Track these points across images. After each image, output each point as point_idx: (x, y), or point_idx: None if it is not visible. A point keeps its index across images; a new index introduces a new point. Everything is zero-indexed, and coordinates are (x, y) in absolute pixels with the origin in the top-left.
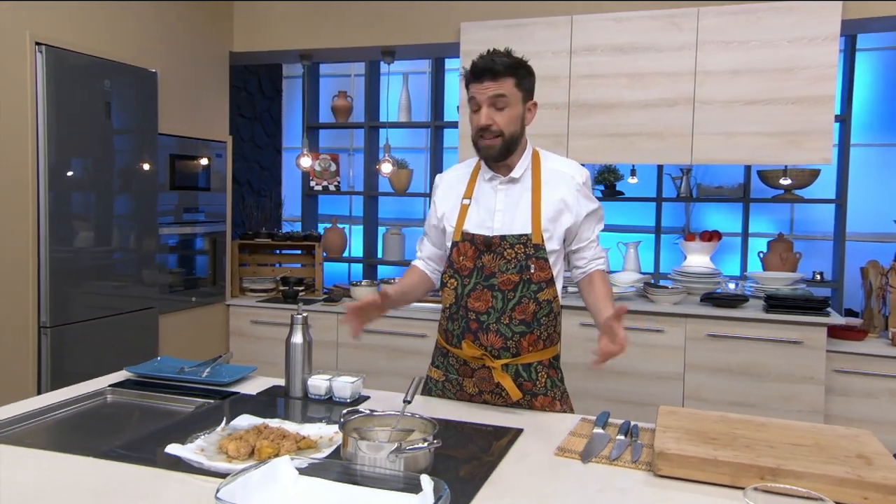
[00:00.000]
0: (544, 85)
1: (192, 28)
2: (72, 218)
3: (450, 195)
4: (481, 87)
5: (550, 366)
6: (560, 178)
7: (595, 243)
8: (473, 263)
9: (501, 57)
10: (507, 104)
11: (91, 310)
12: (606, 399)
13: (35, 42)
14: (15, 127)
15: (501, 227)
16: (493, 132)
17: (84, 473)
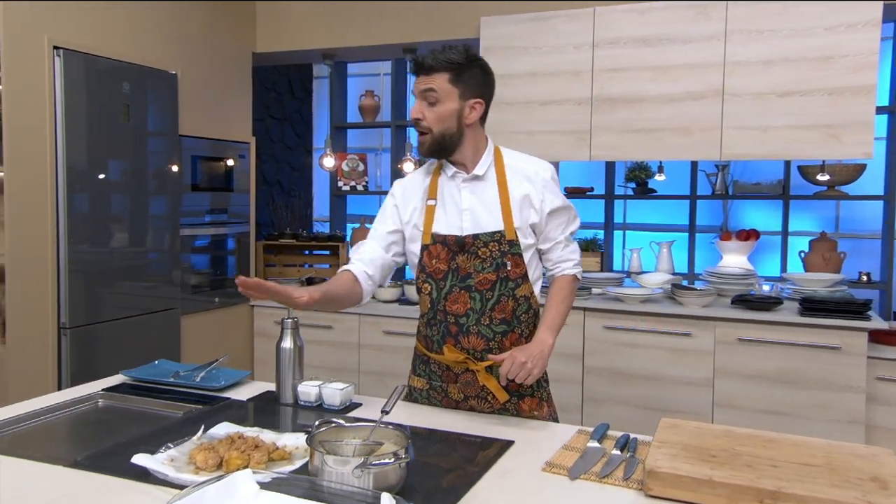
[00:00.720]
0: (566, 80)
1: (214, 29)
2: (91, 220)
3: (412, 198)
4: (417, 82)
5: None
6: (523, 175)
7: (562, 245)
8: (447, 265)
9: (445, 53)
10: (437, 99)
11: (111, 311)
12: (631, 405)
13: (53, 46)
14: (34, 130)
15: (472, 226)
16: (422, 127)
17: (48, 483)
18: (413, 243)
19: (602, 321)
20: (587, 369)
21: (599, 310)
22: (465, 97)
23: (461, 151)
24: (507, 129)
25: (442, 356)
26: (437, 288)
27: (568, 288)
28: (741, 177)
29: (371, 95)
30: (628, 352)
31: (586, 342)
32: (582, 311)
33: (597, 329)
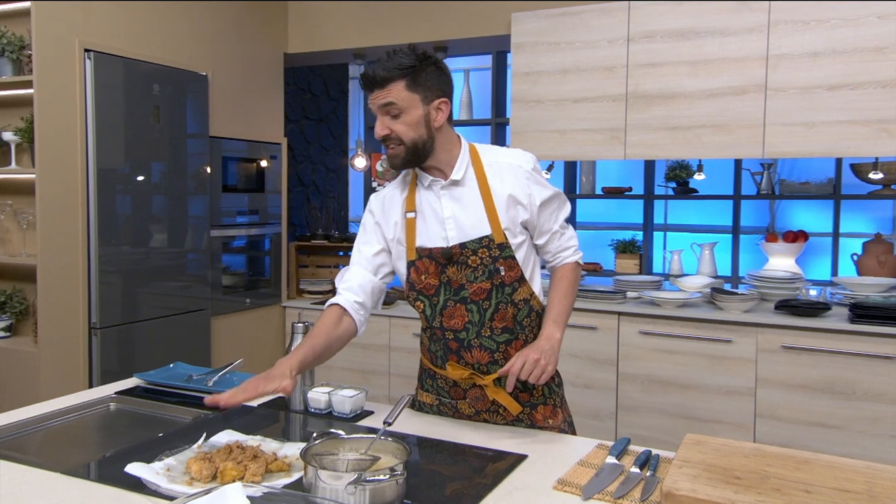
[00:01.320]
0: (599, 75)
1: (245, 31)
2: (121, 221)
3: (391, 212)
4: (371, 98)
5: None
6: (505, 170)
7: (559, 234)
8: (438, 279)
9: (393, 59)
10: (399, 111)
11: (141, 311)
12: (668, 414)
13: (84, 49)
14: (65, 133)
15: (457, 235)
16: (393, 140)
17: (40, 489)
18: (399, 261)
19: (637, 326)
20: (622, 376)
21: (635, 314)
22: (428, 100)
23: (435, 157)
24: (538, 127)
25: (446, 372)
26: (430, 304)
27: (570, 277)
28: (789, 175)
29: None
30: (665, 358)
31: (621, 348)
32: (616, 316)
33: (632, 334)
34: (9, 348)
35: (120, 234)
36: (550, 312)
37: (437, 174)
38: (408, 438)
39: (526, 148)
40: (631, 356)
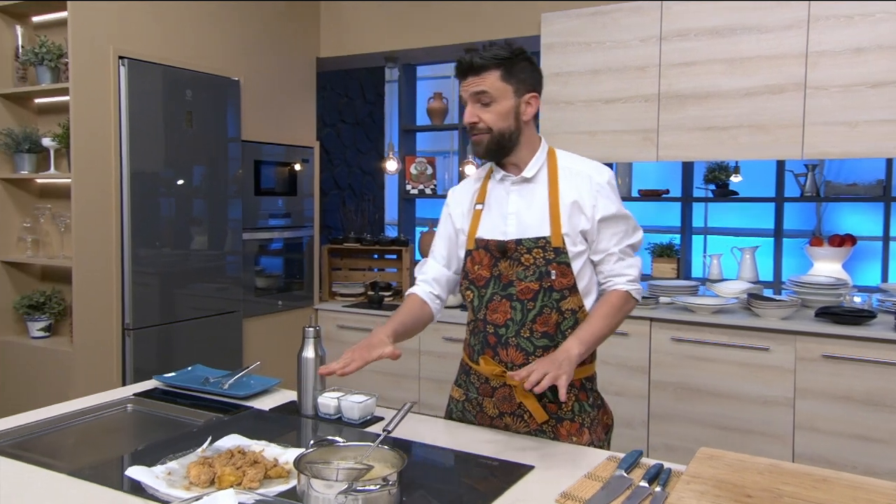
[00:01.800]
0: (631, 76)
1: (278, 36)
2: (154, 224)
3: (461, 203)
4: (465, 84)
5: (581, 388)
6: (577, 178)
7: (615, 257)
8: (490, 272)
9: (490, 50)
10: (491, 100)
11: (174, 313)
12: (701, 423)
13: (118, 56)
14: (99, 138)
15: (516, 231)
16: (479, 129)
17: (43, 490)
18: (461, 249)
19: (670, 332)
20: (653, 384)
21: (667, 320)
22: (520, 93)
23: (517, 152)
24: (569, 129)
25: (479, 367)
26: (478, 295)
27: (616, 303)
28: (836, 177)
29: (440, 98)
30: (698, 366)
31: (653, 354)
32: (648, 322)
33: (664, 341)
34: (47, 348)
35: (153, 237)
36: (579, 329)
37: (512, 170)
38: (412, 446)
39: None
40: (663, 363)
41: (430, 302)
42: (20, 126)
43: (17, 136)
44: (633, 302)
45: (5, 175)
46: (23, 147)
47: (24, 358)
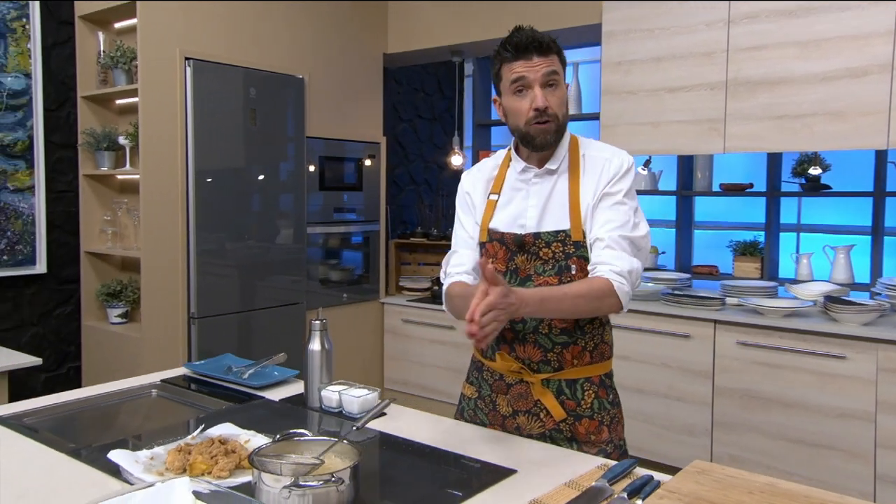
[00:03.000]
0: (696, 62)
1: (344, 33)
2: (219, 218)
3: (477, 191)
4: (530, 65)
5: (601, 384)
6: (597, 164)
7: (603, 243)
8: (506, 266)
9: (539, 33)
10: (557, 82)
11: (238, 303)
12: (769, 435)
13: (185, 57)
14: (166, 135)
15: (535, 224)
16: (548, 115)
17: (35, 466)
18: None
19: (735, 336)
20: (717, 390)
21: (732, 323)
22: (565, 80)
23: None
24: (630, 119)
25: (495, 364)
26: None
27: (594, 284)
28: None
29: None
30: (767, 373)
31: (717, 359)
32: (712, 324)
33: (729, 345)
34: (123, 333)
35: (218, 231)
36: (548, 290)
37: (534, 160)
38: (398, 443)
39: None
40: (728, 369)
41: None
42: (101, 126)
43: (98, 135)
44: (614, 299)
45: (88, 171)
46: (102, 145)
47: (104, 342)
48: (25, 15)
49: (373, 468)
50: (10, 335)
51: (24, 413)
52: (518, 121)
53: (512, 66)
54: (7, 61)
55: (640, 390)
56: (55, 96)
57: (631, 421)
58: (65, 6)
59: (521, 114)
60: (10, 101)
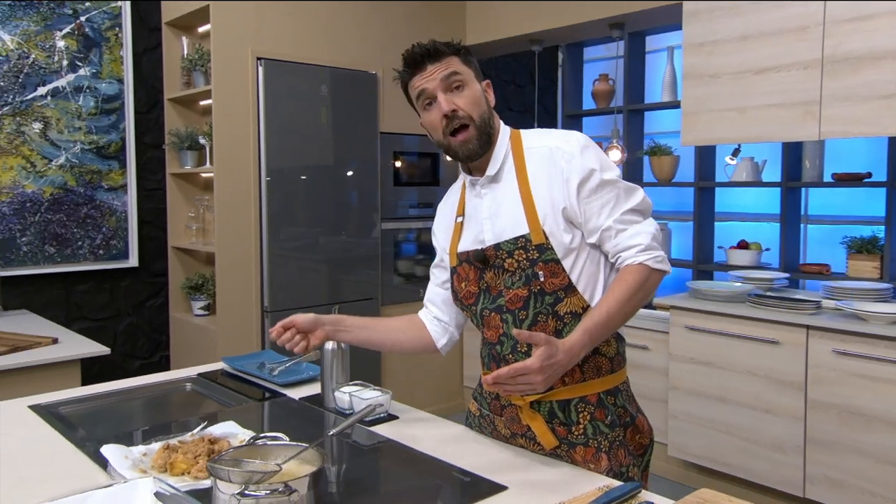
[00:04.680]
0: (788, 38)
1: (419, 27)
2: (291, 214)
3: (445, 218)
4: (425, 75)
5: (599, 404)
6: (544, 155)
7: (613, 231)
8: (477, 286)
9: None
10: (463, 82)
11: (311, 297)
12: (873, 457)
13: (256, 57)
14: (239, 134)
15: (493, 236)
16: (460, 118)
17: (43, 454)
18: (447, 270)
19: (832, 344)
20: (811, 403)
21: (828, 329)
22: (479, 78)
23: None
24: (713, 105)
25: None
26: (472, 314)
27: (630, 281)
28: None
29: (605, 79)
30: (869, 386)
31: (810, 369)
32: (804, 330)
33: (824, 353)
34: (204, 326)
35: (290, 227)
36: (589, 318)
37: (481, 169)
38: (391, 449)
39: (699, 130)
40: (824, 380)
41: (428, 324)
42: (186, 126)
43: (182, 135)
44: (655, 274)
45: (174, 170)
46: (185, 145)
47: (188, 333)
48: (118, 24)
49: (359, 475)
50: (109, 324)
51: (65, 401)
52: (438, 135)
53: (412, 83)
54: (102, 68)
55: (722, 399)
56: (145, 99)
57: (712, 431)
58: (153, 13)
59: (435, 127)
60: (105, 105)
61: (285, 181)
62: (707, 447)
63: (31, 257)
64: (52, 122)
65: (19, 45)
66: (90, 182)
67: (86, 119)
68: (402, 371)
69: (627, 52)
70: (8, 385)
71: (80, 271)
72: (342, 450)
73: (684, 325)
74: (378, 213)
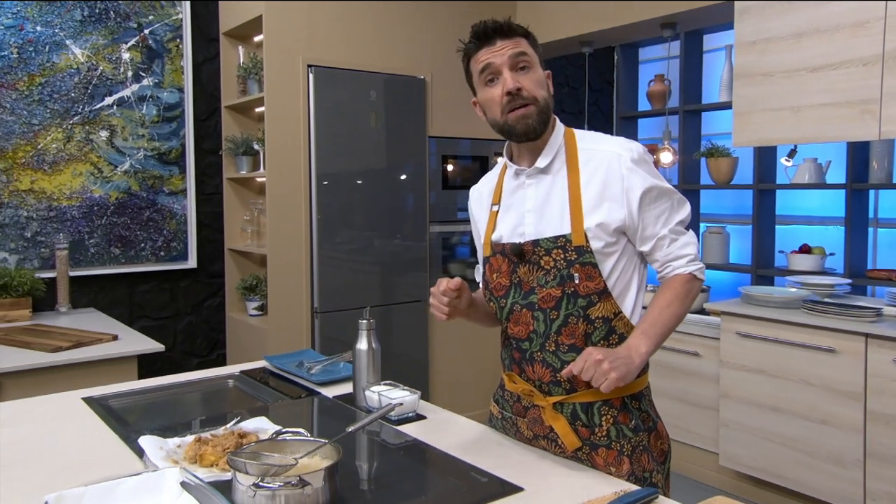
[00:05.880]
0: (845, 34)
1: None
2: (341, 217)
3: (482, 204)
4: (493, 50)
5: (623, 408)
6: (602, 159)
7: (667, 241)
8: (509, 279)
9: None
10: (529, 64)
11: (359, 299)
12: None
13: (307, 65)
14: (290, 139)
15: (534, 231)
16: (523, 98)
17: (87, 444)
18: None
19: (892, 353)
20: (871, 415)
21: (889, 338)
22: (542, 66)
23: (545, 134)
24: (765, 105)
25: (508, 384)
26: (499, 306)
27: (679, 289)
28: None
29: (661, 80)
30: None
31: (870, 379)
32: (863, 338)
33: (884, 363)
34: (257, 326)
35: (340, 230)
36: (642, 323)
37: (526, 159)
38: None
39: (752, 131)
40: (885, 391)
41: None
42: (241, 132)
43: (238, 141)
44: (698, 284)
45: (230, 175)
46: (240, 150)
47: (243, 332)
48: (179, 35)
49: (378, 472)
50: (169, 322)
51: (115, 395)
52: (495, 113)
53: (478, 57)
54: (164, 78)
55: (776, 409)
56: (204, 107)
57: (766, 442)
58: (212, 24)
59: (495, 103)
60: (166, 113)
61: (335, 185)
62: (761, 458)
63: (97, 258)
64: (117, 130)
65: (89, 58)
66: (152, 187)
67: (148, 127)
68: (449, 376)
69: (683, 51)
70: (70, 378)
71: (143, 272)
72: (371, 447)
73: (735, 332)
74: (426, 216)
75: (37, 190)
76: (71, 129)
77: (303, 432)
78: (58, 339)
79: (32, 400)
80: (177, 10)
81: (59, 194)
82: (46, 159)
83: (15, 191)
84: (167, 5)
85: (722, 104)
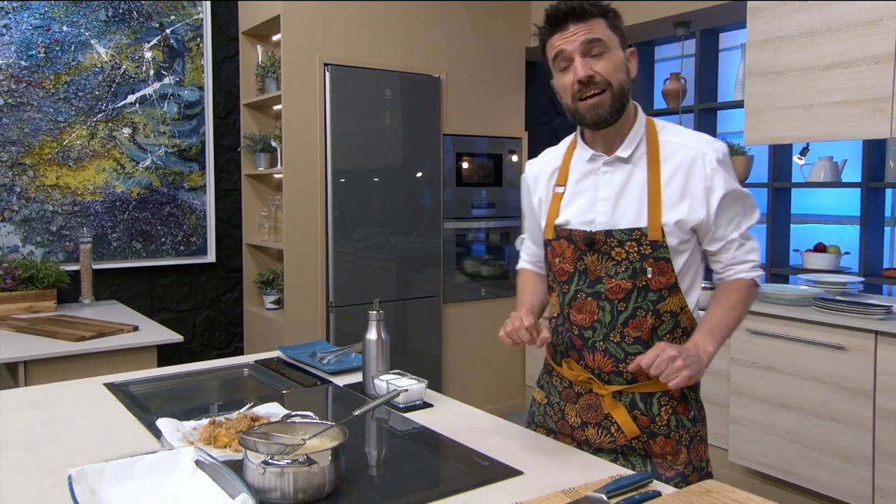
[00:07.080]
0: (857, 33)
1: (482, 30)
2: (356, 214)
3: (539, 186)
4: (565, 36)
5: (682, 400)
6: (686, 155)
7: (736, 244)
8: (574, 266)
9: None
10: (604, 49)
11: (374, 294)
12: None
13: (324, 63)
14: (307, 137)
15: (607, 220)
16: (596, 85)
17: (108, 427)
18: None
19: None
20: (880, 412)
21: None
22: (624, 45)
23: (623, 120)
24: (777, 104)
25: (562, 370)
26: (561, 292)
27: (743, 293)
28: None
29: (676, 78)
30: None
31: (879, 377)
32: (872, 335)
33: (894, 361)
34: (274, 319)
35: (355, 226)
36: (706, 322)
37: (601, 145)
38: (422, 433)
39: (764, 129)
40: (894, 388)
41: (541, 272)
42: (259, 130)
43: (256, 138)
44: (756, 290)
45: (248, 171)
46: (258, 147)
47: (260, 325)
48: (199, 35)
49: (384, 455)
50: (188, 315)
51: (135, 381)
52: (567, 99)
53: (551, 42)
54: (184, 76)
55: (785, 405)
56: (223, 105)
57: (776, 439)
58: (232, 24)
59: (566, 90)
60: (187, 111)
61: (351, 182)
62: (770, 454)
63: (119, 252)
64: (139, 128)
65: (112, 57)
66: (173, 183)
67: (169, 124)
68: (462, 371)
69: (699, 50)
70: (92, 366)
71: (163, 266)
72: (380, 433)
73: (745, 329)
74: (440, 213)
75: (62, 185)
76: (95, 127)
77: (311, 415)
78: (81, 329)
79: (57, 385)
80: (197, 10)
81: (83, 189)
82: (71, 155)
83: (41, 186)
84: (188, 5)
85: (737, 103)
